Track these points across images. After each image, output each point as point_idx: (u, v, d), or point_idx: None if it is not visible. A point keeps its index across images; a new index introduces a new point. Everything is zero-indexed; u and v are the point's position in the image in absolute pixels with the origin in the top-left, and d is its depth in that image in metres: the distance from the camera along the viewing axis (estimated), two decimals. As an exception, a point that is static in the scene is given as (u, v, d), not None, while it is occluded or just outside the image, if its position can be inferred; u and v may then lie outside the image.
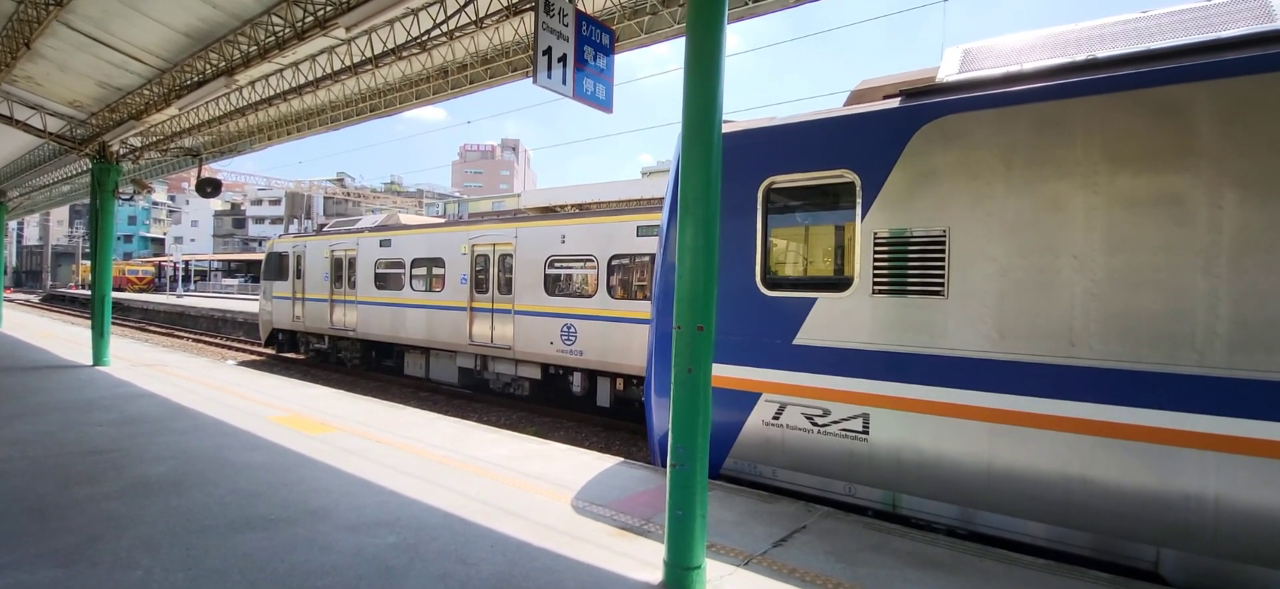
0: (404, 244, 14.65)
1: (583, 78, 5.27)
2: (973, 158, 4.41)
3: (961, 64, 4.89)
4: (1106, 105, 3.98)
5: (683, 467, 3.49)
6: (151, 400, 8.61)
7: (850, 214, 4.93)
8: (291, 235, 19.54)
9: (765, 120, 5.57)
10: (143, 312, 35.78)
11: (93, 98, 11.34)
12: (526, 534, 4.29)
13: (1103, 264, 3.96)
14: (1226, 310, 3.61)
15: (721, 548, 4.12)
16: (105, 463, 5.65)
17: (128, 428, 6.98)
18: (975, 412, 4.32)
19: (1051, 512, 4.09)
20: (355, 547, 4.00)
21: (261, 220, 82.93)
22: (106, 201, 12.36)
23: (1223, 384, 3.61)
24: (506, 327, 12.19)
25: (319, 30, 7.41)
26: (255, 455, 6.03)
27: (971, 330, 4.36)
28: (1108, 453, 3.90)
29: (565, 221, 11.68)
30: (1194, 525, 3.68)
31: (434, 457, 6.19)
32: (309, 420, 7.65)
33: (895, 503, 4.67)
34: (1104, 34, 4.50)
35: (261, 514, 4.51)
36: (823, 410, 4.95)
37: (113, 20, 8.35)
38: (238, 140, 14.50)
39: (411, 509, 4.71)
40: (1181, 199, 3.76)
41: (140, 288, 58.16)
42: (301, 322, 17.73)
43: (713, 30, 3.55)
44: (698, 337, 3.49)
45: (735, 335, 5.35)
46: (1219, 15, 4.14)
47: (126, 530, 4.16)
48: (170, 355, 14.25)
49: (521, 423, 10.93)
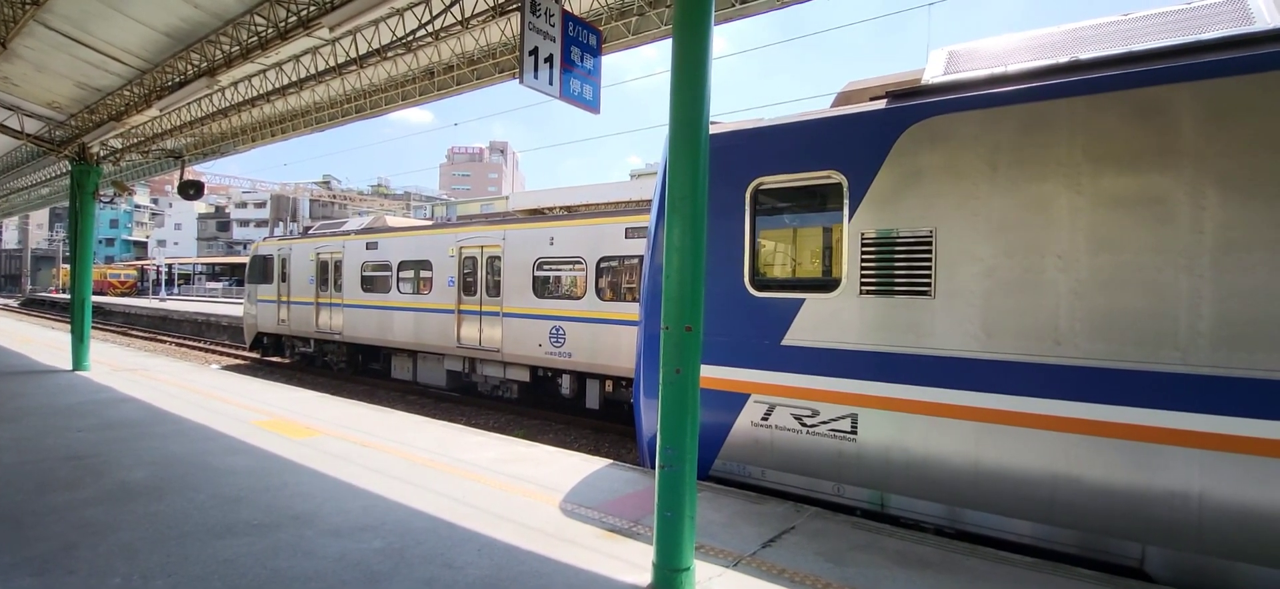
0: (391, 246, 14.53)
1: (570, 78, 5.25)
2: (959, 158, 4.43)
3: (947, 65, 4.92)
4: (1090, 106, 4.01)
5: (671, 468, 3.48)
6: (132, 405, 8.46)
7: (838, 215, 4.94)
8: (277, 238, 19.36)
9: (753, 121, 5.57)
10: (125, 316, 35.25)
11: (71, 98, 11.15)
12: (514, 537, 4.26)
13: (1087, 264, 3.99)
14: (1208, 309, 3.66)
15: (710, 549, 4.11)
16: (84, 469, 5.54)
17: (108, 433, 6.86)
18: (962, 411, 4.34)
19: (1038, 510, 4.11)
20: (339, 552, 3.94)
21: (246, 223, 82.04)
22: (86, 204, 12.15)
23: (1205, 382, 3.65)
24: (495, 329, 12.13)
25: (302, 30, 7.34)
26: (238, 460, 5.94)
27: (958, 330, 4.38)
28: (1093, 451, 3.93)
29: (554, 223, 11.64)
30: (1178, 522, 3.71)
31: (420, 460, 6.12)
32: (293, 424, 7.55)
33: (883, 503, 4.68)
34: (1087, 36, 4.54)
35: (244, 520, 4.44)
36: (811, 411, 4.96)
37: (91, 20, 8.21)
38: (221, 142, 14.34)
39: (397, 513, 4.65)
40: (1164, 199, 3.80)
41: (122, 292, 57.31)
42: (287, 325, 17.54)
43: (700, 31, 3.55)
44: (686, 337, 3.47)
45: (723, 336, 5.35)
46: (1200, 18, 4.19)
47: (105, 537, 4.08)
48: (152, 360, 14.03)
49: (510, 425, 10.86)
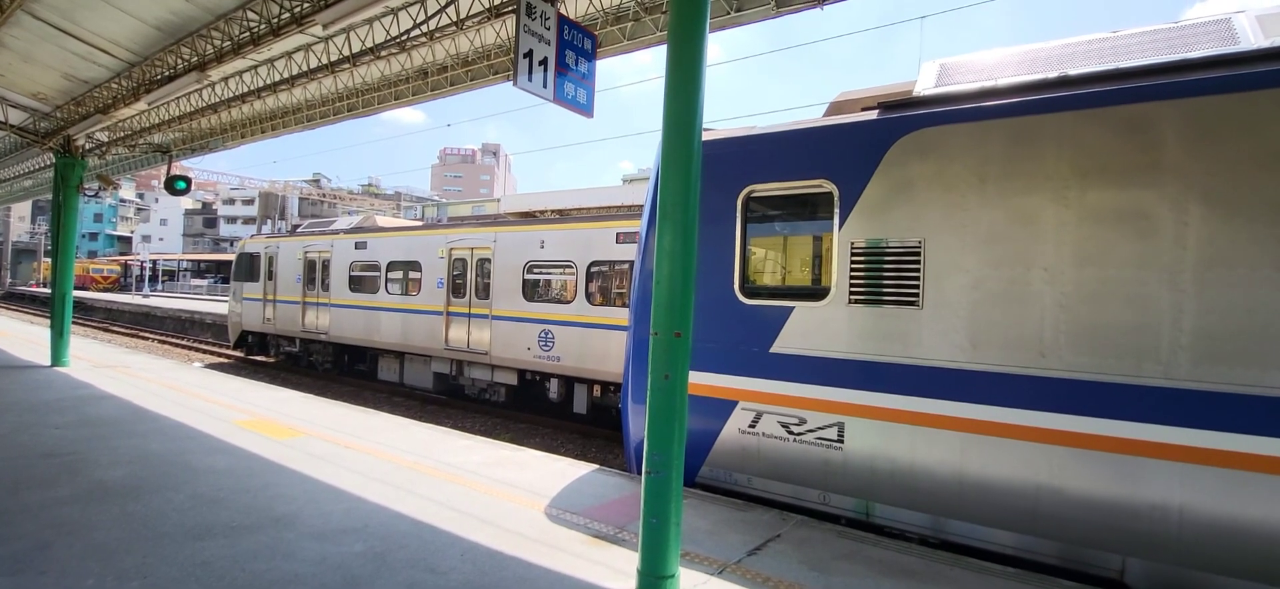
0: (380, 247, 14.43)
1: (564, 82, 5.24)
2: (948, 170, 4.47)
3: (938, 78, 4.96)
4: (1078, 121, 4.06)
5: (658, 474, 3.46)
6: (111, 402, 8.32)
7: (828, 224, 4.96)
8: (264, 236, 19.15)
9: (745, 129, 5.59)
10: (106, 311, 34.73)
11: (58, 90, 11.00)
12: (498, 543, 4.22)
13: (1072, 277, 4.03)
14: (1190, 323, 3.70)
15: (696, 556, 4.09)
16: (60, 466, 5.43)
17: (85, 430, 6.73)
18: (948, 421, 4.36)
19: (1021, 521, 4.13)
20: (320, 555, 3.89)
21: (233, 220, 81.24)
22: (70, 197, 11.96)
23: (1186, 396, 3.69)
24: (483, 331, 12.06)
25: (295, 27, 7.29)
26: (218, 460, 5.85)
27: (945, 341, 4.41)
28: (1076, 463, 3.96)
29: (545, 227, 11.60)
30: (1159, 535, 3.74)
31: (405, 463, 6.06)
32: (276, 425, 7.46)
33: (869, 511, 4.68)
34: (1075, 52, 4.60)
35: (222, 521, 4.37)
36: (799, 419, 4.96)
37: (80, 11, 8.11)
38: (210, 137, 14.18)
39: (380, 516, 4.60)
40: (1148, 214, 3.84)
41: (105, 287, 56.49)
42: (272, 324, 17.35)
43: (694, 38, 3.55)
44: (675, 343, 3.46)
45: (713, 343, 5.34)
46: (1185, 37, 4.26)
47: (79, 537, 3.99)
48: (133, 356, 13.81)
49: (496, 429, 10.79)
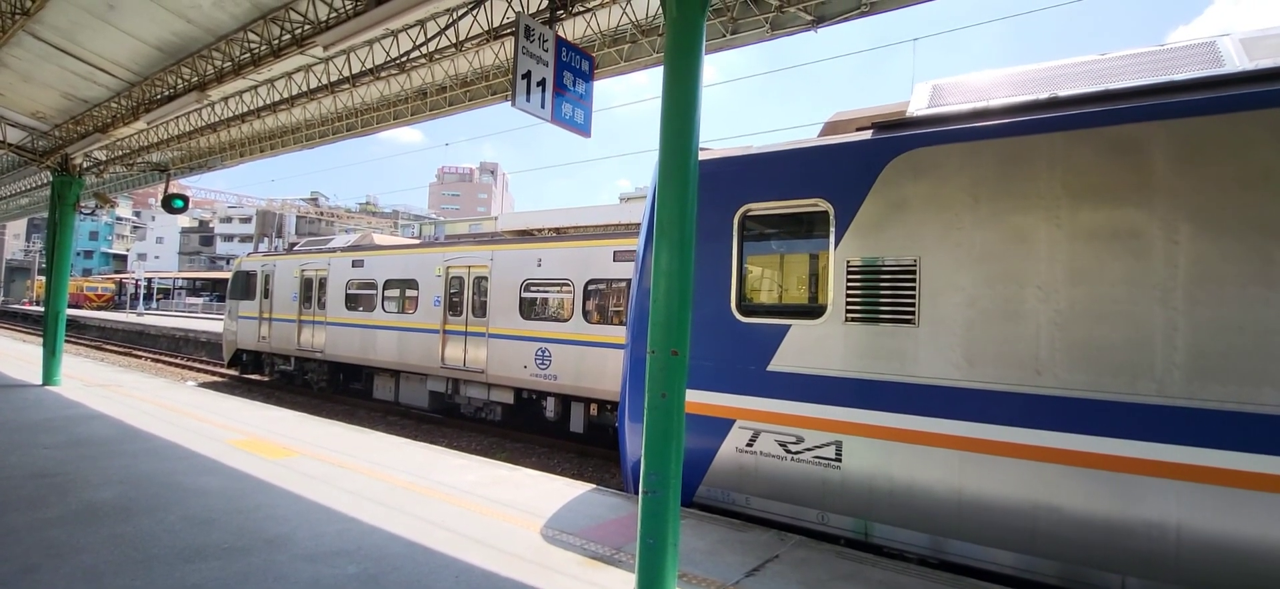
0: (377, 265, 14.42)
1: (561, 102, 5.29)
2: (942, 189, 4.51)
3: (931, 99, 5.02)
4: (1068, 141, 4.11)
5: (655, 494, 3.44)
6: (103, 422, 8.24)
7: (824, 243, 4.99)
8: (260, 254, 19.12)
9: (741, 148, 5.64)
10: (100, 330, 34.51)
11: (57, 109, 11.03)
12: (493, 564, 4.17)
13: (1066, 295, 4.05)
14: (1183, 341, 3.72)
15: (693, 578, 4.05)
16: (49, 487, 5.37)
17: (76, 450, 6.66)
18: (945, 439, 4.35)
19: (1019, 540, 4.11)
20: (312, 577, 3.84)
21: (230, 238, 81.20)
22: (66, 215, 11.96)
23: (1181, 413, 3.69)
24: (480, 350, 12.02)
25: (296, 48, 7.35)
26: (210, 480, 5.79)
27: (941, 359, 4.42)
28: (1073, 481, 3.95)
29: (542, 245, 11.62)
30: (1156, 553, 3.73)
31: (400, 483, 6.01)
32: (270, 444, 7.39)
33: (867, 531, 4.66)
34: (1065, 74, 4.67)
35: (214, 543, 4.31)
36: (796, 437, 4.94)
37: (81, 32, 8.16)
38: (208, 156, 14.21)
39: (374, 538, 4.55)
40: (1139, 233, 3.88)
41: (99, 305, 56.17)
42: (267, 342, 17.26)
43: (691, 60, 3.60)
44: (672, 362, 3.46)
45: (709, 361, 5.34)
46: (1173, 59, 4.33)
47: (67, 559, 3.94)
48: (126, 375, 13.72)
49: (492, 448, 10.71)
